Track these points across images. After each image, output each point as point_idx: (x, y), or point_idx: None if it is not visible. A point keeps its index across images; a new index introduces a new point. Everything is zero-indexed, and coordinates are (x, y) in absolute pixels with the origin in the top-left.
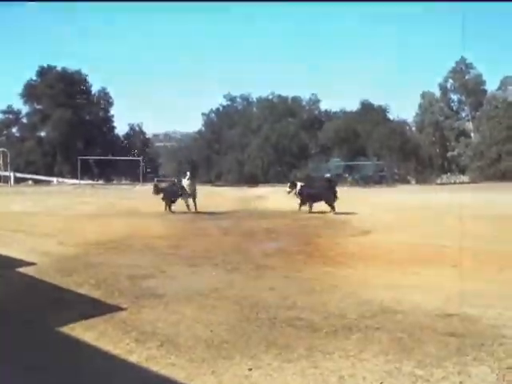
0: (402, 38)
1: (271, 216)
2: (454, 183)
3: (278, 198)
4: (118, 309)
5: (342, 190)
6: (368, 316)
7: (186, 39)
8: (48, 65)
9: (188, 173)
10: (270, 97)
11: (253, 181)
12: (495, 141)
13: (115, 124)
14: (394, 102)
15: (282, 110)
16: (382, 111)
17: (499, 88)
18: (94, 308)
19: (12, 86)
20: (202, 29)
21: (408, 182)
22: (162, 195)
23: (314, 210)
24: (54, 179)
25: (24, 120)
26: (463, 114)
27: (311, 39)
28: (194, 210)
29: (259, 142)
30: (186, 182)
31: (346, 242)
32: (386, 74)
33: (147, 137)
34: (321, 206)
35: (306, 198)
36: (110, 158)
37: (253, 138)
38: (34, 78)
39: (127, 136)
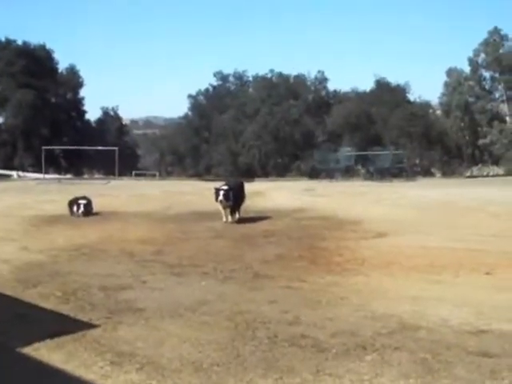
0: (423, 3)
1: (270, 216)
2: (487, 176)
3: (278, 195)
4: (90, 326)
5: (354, 185)
6: (384, 333)
7: (169, 4)
8: (6, 38)
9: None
10: (269, 75)
11: (248, 174)
12: None
13: (86, 108)
14: (416, 80)
15: (283, 90)
16: (400, 91)
17: None
18: (62, 325)
19: None
20: None
21: (432, 175)
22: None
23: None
24: (14, 173)
25: None
26: (497, 95)
27: (315, 3)
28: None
29: (256, 129)
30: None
31: (357, 245)
32: (406, 47)
33: (124, 123)
34: (325, 204)
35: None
36: (80, 147)
37: (248, 123)
38: None
39: (100, 122)
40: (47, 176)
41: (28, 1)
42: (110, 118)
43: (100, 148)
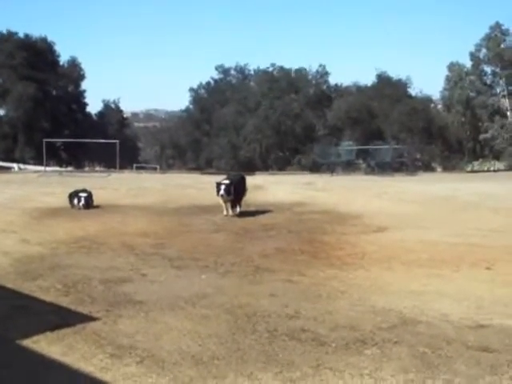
0: None
1: (270, 210)
2: (488, 171)
3: (279, 188)
4: (90, 318)
5: (355, 179)
6: (384, 327)
7: None
8: (8, 30)
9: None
10: (270, 69)
11: (249, 168)
12: None
13: (87, 100)
14: (417, 74)
15: (284, 84)
16: (402, 86)
17: None
18: (62, 317)
19: None
20: None
21: (433, 170)
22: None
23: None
24: (15, 165)
25: None
26: (498, 90)
27: None
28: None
29: (257, 123)
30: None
31: (357, 240)
32: (407, 41)
33: (125, 116)
34: (326, 198)
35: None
36: (81, 140)
37: (249, 117)
38: None
39: (101, 115)
40: (48, 169)
41: None
42: (111, 111)
43: (101, 141)
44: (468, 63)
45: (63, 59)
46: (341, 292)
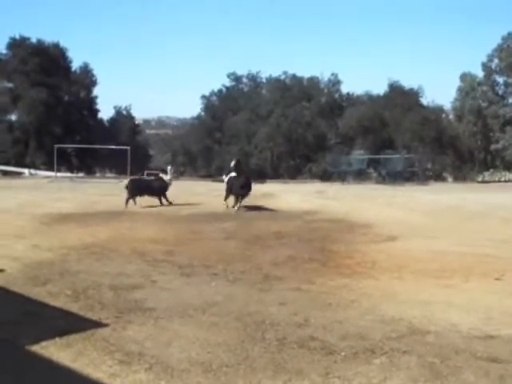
0: (438, 9)
1: (281, 218)
2: (499, 181)
3: (290, 197)
4: (100, 325)
5: (366, 188)
6: (394, 337)
7: (184, 4)
8: (20, 36)
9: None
10: (282, 77)
11: (261, 176)
12: None
13: (99, 107)
14: (429, 84)
15: (297, 92)
16: (413, 95)
17: None
18: (71, 323)
19: None
20: None
21: (444, 180)
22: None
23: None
24: (26, 171)
25: None
26: (510, 100)
27: (331, 6)
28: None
29: (268, 131)
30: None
31: (368, 249)
32: (420, 51)
33: (136, 122)
34: (337, 207)
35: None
36: (92, 146)
37: (261, 125)
38: (4, 51)
39: (113, 121)
40: (59, 174)
41: None
42: (122, 118)
43: (112, 147)
44: (480, 73)
45: (75, 65)
46: (350, 301)
